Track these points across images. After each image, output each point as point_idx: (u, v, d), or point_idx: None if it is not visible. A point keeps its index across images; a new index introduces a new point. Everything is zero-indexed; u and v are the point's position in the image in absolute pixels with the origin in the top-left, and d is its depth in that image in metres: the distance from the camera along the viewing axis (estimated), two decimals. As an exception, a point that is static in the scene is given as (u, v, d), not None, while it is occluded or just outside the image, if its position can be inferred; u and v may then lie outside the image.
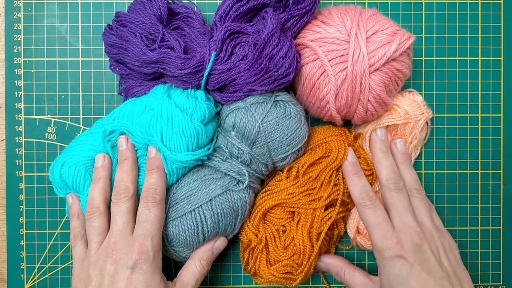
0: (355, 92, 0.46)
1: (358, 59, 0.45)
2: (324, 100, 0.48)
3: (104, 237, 0.46)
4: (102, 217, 0.46)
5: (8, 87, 0.55)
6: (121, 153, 0.48)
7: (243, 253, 0.52)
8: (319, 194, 0.50)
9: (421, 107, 0.52)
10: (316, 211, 0.49)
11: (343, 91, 0.47)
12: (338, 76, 0.46)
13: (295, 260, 0.49)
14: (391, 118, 0.51)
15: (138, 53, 0.47)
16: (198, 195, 0.47)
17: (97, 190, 0.47)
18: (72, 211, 0.49)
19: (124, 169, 0.47)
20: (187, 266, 0.48)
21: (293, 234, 0.49)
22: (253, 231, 0.50)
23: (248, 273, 0.51)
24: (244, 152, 0.48)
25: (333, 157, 0.50)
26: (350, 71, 0.45)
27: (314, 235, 0.49)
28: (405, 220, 0.47)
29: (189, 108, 0.47)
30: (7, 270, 0.55)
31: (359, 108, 0.48)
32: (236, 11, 0.47)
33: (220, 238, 0.50)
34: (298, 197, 0.49)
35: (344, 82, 0.46)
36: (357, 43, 0.45)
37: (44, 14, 0.55)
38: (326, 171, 0.50)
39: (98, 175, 0.47)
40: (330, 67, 0.46)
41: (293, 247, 0.49)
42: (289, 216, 0.50)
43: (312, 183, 0.50)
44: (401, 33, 0.46)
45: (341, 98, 0.47)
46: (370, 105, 0.48)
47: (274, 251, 0.50)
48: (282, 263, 0.49)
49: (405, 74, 0.48)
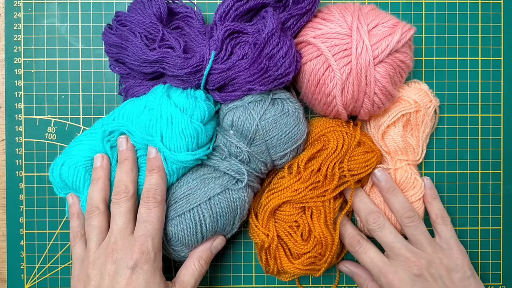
0: (361, 85, 0.46)
1: (362, 52, 0.45)
2: (330, 95, 0.48)
3: (104, 236, 0.46)
4: (101, 216, 0.46)
5: (8, 87, 0.55)
6: (121, 153, 0.48)
7: (260, 255, 0.51)
8: (325, 187, 0.49)
9: (429, 94, 0.53)
10: (325, 203, 0.49)
11: (349, 85, 0.46)
12: (343, 70, 0.46)
13: (317, 250, 0.49)
14: (403, 108, 0.51)
15: (138, 52, 0.47)
16: (197, 194, 0.47)
17: (96, 190, 0.47)
18: (72, 210, 0.49)
19: (124, 169, 0.47)
20: (186, 266, 0.48)
21: (308, 227, 0.49)
22: (263, 231, 0.50)
23: (271, 273, 0.51)
24: (243, 150, 0.48)
25: (332, 148, 0.50)
26: (354, 65, 0.45)
27: (330, 224, 0.49)
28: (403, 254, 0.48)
29: (189, 108, 0.47)
30: (7, 270, 0.55)
31: (366, 101, 0.48)
32: (236, 11, 0.47)
33: (218, 237, 0.50)
34: (304, 192, 0.49)
35: (349, 76, 0.46)
36: (359, 36, 0.45)
37: (44, 14, 0.55)
38: (327, 162, 0.49)
39: (97, 175, 0.47)
40: (335, 61, 0.46)
41: (313, 239, 0.49)
42: (299, 211, 0.50)
43: (315, 176, 0.49)
44: (402, 24, 0.47)
45: (347, 93, 0.47)
46: (377, 97, 0.48)
47: (294, 245, 0.50)
48: (306, 256, 0.49)
49: (408, 65, 0.48)
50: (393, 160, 0.52)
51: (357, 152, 0.50)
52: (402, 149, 0.51)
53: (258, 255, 0.52)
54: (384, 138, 0.52)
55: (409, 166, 0.52)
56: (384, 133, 0.52)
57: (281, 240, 0.50)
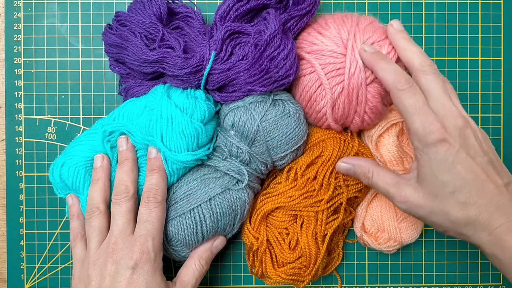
0: (351, 104, 0.47)
1: (354, 73, 0.45)
2: (321, 112, 0.48)
3: (104, 237, 0.46)
4: (101, 216, 0.46)
5: (8, 87, 0.55)
6: (121, 153, 0.48)
7: (248, 256, 0.52)
8: (320, 197, 0.49)
9: None
10: (318, 214, 0.49)
11: (339, 103, 0.47)
12: (335, 89, 0.46)
13: (302, 262, 0.49)
14: (392, 117, 0.51)
15: (137, 52, 0.47)
16: (198, 195, 0.47)
17: (96, 190, 0.47)
18: (72, 211, 0.49)
19: (124, 169, 0.47)
20: (186, 266, 0.48)
21: (297, 236, 0.49)
22: (254, 234, 0.50)
23: (256, 275, 0.51)
24: (244, 151, 0.48)
25: (327, 156, 0.50)
26: (346, 84, 0.46)
27: (320, 237, 0.49)
28: (445, 103, 0.42)
29: (189, 108, 0.47)
30: (7, 270, 0.55)
31: (356, 118, 0.48)
32: (236, 11, 0.47)
33: (219, 237, 0.50)
34: (298, 200, 0.49)
35: (341, 95, 0.46)
36: (353, 56, 0.45)
37: (44, 14, 0.55)
38: (323, 170, 0.50)
39: (97, 176, 0.47)
40: (327, 80, 0.46)
41: (299, 249, 0.49)
42: (291, 219, 0.50)
43: (311, 185, 0.50)
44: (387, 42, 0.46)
45: (338, 110, 0.47)
46: (367, 116, 0.48)
47: (281, 253, 0.50)
48: (290, 266, 0.49)
49: None
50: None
51: None
52: (397, 159, 0.51)
53: (246, 254, 0.52)
54: (379, 148, 0.52)
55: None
56: (379, 143, 0.52)
57: (270, 245, 0.50)
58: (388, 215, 0.51)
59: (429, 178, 0.42)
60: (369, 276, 0.56)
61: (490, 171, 0.41)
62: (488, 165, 0.41)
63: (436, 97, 0.43)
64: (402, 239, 0.51)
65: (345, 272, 0.56)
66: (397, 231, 0.51)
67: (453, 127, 0.42)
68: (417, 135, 0.42)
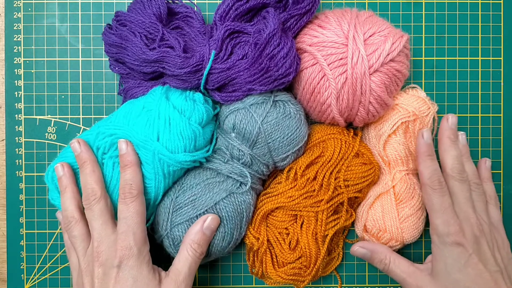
0: (356, 94, 0.46)
1: (357, 62, 0.45)
2: (325, 104, 0.48)
3: (88, 242, 0.46)
4: (79, 224, 0.46)
5: (8, 87, 0.55)
6: (78, 157, 0.47)
7: (248, 256, 0.52)
8: (319, 197, 0.49)
9: (427, 102, 0.52)
10: (318, 214, 0.49)
11: (343, 94, 0.47)
12: (338, 79, 0.46)
13: (302, 262, 0.49)
14: (402, 115, 0.51)
15: (137, 52, 0.47)
16: (203, 200, 0.47)
17: (67, 199, 0.47)
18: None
19: (85, 172, 0.47)
20: (179, 253, 0.47)
21: (297, 236, 0.49)
22: (254, 234, 0.50)
23: (256, 275, 0.51)
24: (245, 153, 0.48)
25: (328, 156, 0.50)
26: (350, 74, 0.45)
27: (320, 237, 0.49)
28: (466, 210, 0.48)
29: (187, 110, 0.47)
30: (7, 270, 0.55)
31: (361, 110, 0.48)
32: (236, 11, 0.47)
33: (210, 215, 0.47)
34: (298, 200, 0.49)
35: (345, 85, 0.46)
36: (355, 45, 0.45)
37: (44, 14, 0.55)
38: (323, 171, 0.50)
39: (63, 185, 0.47)
40: (330, 70, 0.46)
41: (300, 249, 0.49)
42: (291, 219, 0.50)
43: (311, 185, 0.50)
44: (393, 32, 0.46)
45: (342, 101, 0.47)
46: (372, 106, 0.48)
47: (281, 253, 0.50)
48: (290, 266, 0.49)
49: (404, 74, 0.48)
50: (391, 173, 0.52)
51: (355, 163, 0.50)
52: (403, 158, 0.51)
53: (246, 254, 0.52)
54: (385, 147, 0.52)
55: (408, 176, 0.52)
56: (385, 142, 0.52)
57: (270, 245, 0.50)
58: (390, 216, 0.51)
59: (443, 274, 0.47)
60: (369, 276, 0.56)
61: (499, 280, 0.46)
62: (497, 273, 0.46)
63: (460, 202, 0.48)
64: (404, 239, 0.51)
65: (345, 272, 0.56)
66: (399, 231, 0.51)
67: (470, 233, 0.47)
68: (437, 231, 0.47)
